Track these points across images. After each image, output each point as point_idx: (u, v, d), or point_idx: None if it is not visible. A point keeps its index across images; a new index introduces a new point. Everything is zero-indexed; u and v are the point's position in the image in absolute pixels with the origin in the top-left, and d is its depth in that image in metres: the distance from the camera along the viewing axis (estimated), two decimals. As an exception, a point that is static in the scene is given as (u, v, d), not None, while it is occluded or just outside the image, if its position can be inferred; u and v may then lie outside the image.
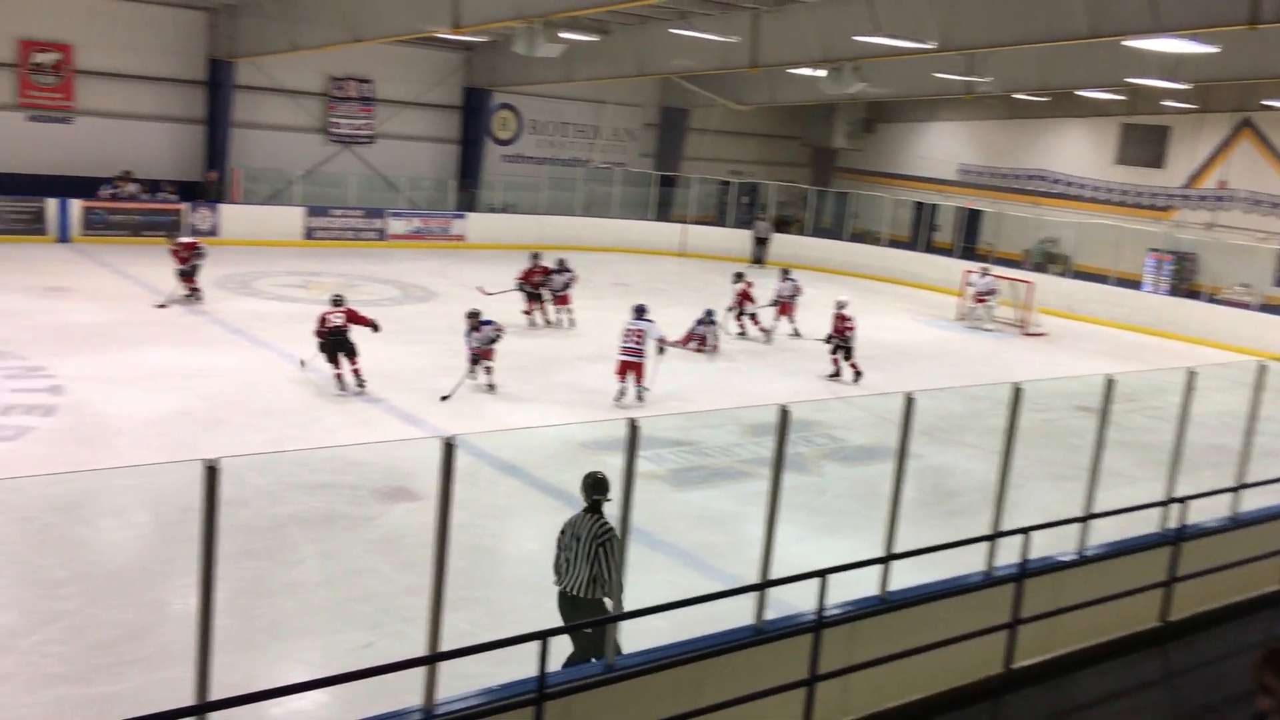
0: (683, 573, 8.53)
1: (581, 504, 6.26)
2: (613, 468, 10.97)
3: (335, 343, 12.69)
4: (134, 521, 8.96)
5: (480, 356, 13.09)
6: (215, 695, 4.14)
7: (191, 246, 17.39)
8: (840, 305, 15.99)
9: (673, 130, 33.26)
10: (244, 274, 20.43)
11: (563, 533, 6.26)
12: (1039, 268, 26.32)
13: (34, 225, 21.90)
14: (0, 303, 15.89)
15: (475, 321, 13.02)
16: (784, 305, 18.89)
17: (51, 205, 22.14)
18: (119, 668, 6.30)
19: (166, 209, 23.56)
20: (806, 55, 20.10)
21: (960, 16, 16.50)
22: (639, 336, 13.10)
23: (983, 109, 30.98)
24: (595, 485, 6.23)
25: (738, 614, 5.73)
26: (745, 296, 18.51)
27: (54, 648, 6.44)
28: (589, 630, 5.99)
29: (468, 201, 28.66)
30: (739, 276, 18.92)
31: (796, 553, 7.15)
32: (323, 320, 12.76)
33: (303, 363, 13.26)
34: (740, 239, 29.20)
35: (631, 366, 13.12)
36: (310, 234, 25.29)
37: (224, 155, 25.52)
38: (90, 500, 9.11)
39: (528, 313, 17.81)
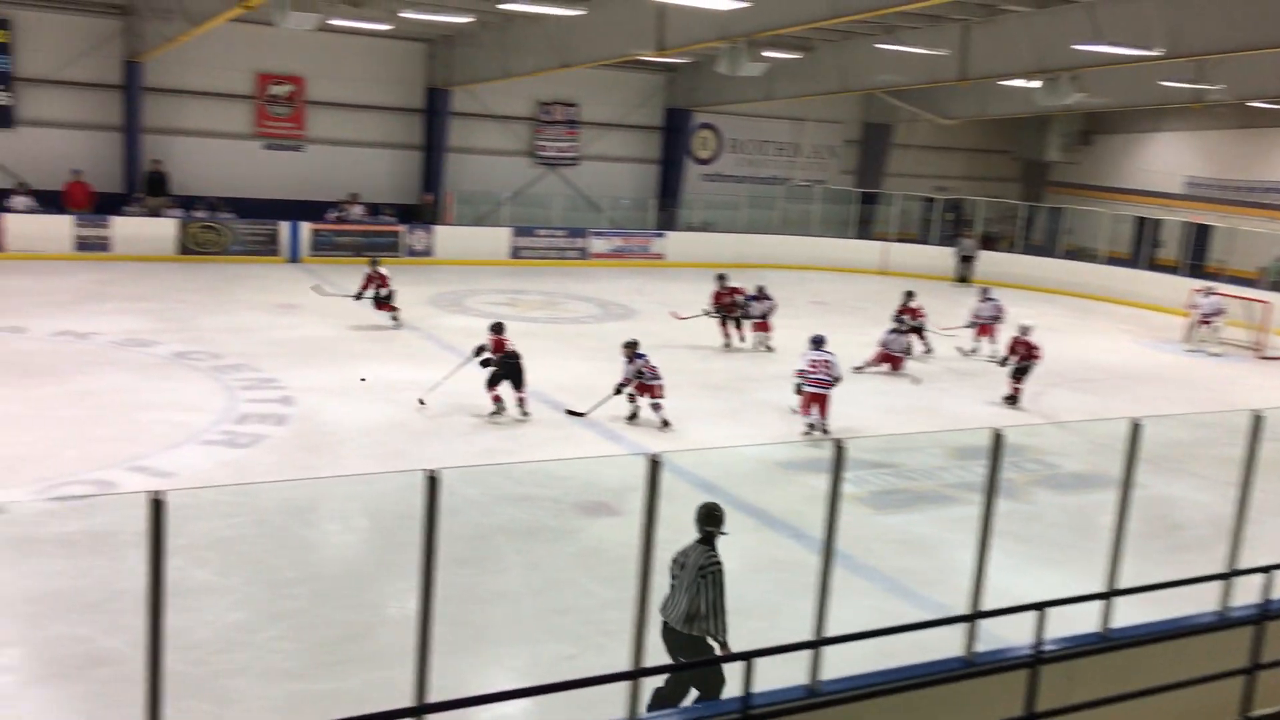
0: (884, 598, 8.33)
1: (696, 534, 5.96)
2: (811, 489, 10.81)
3: (512, 367, 12.47)
4: (354, 526, 9.45)
5: (640, 390, 12.52)
6: (431, 698, 4.29)
7: (375, 278, 17.36)
8: (1024, 330, 15.14)
9: (875, 146, 32.71)
10: (455, 292, 21.32)
11: (674, 561, 5.94)
12: (1277, 286, 24.42)
13: (268, 246, 23.52)
14: (239, 319, 17.12)
15: (631, 353, 12.55)
16: (984, 327, 18.15)
17: (284, 228, 23.72)
18: (342, 666, 6.65)
19: (386, 230, 24.86)
20: (1020, 66, 19.41)
21: (1190, 20, 15.57)
22: (826, 367, 12.44)
23: (1213, 118, 29.09)
24: (706, 517, 5.89)
25: (944, 643, 5.54)
26: (915, 315, 17.94)
27: (283, 644, 6.85)
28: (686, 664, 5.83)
29: (667, 220, 29.01)
30: (910, 295, 18.35)
31: (1007, 583, 6.86)
32: (500, 344, 12.54)
33: (363, 379, 13.39)
34: (944, 257, 28.40)
35: (818, 399, 12.49)
36: (516, 253, 26.14)
37: (439, 179, 26.77)
38: (316, 505, 9.66)
39: (722, 324, 17.66)
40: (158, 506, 3.62)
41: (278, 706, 6.19)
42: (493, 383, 12.38)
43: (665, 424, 12.43)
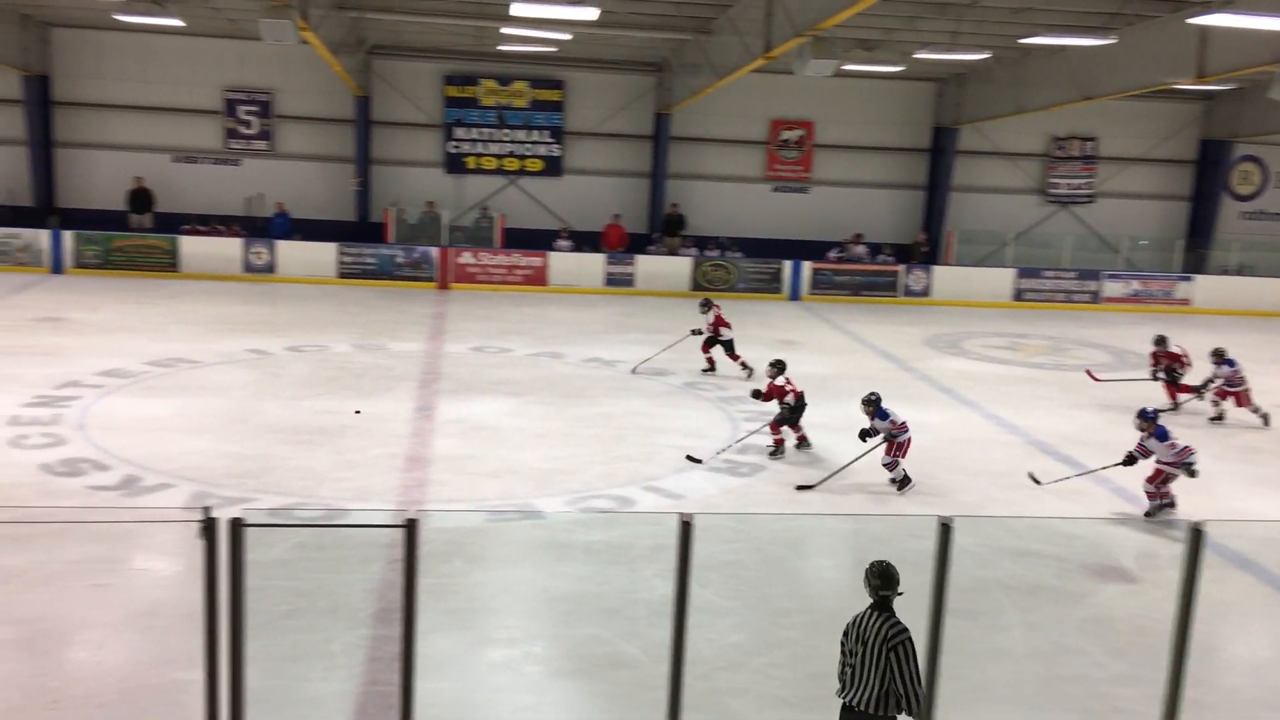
0: None
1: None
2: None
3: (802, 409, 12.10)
4: (844, 564, 9.49)
5: (891, 448, 10.95)
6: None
7: (716, 322, 16.37)
8: None
9: None
10: (952, 334, 20.85)
11: (846, 634, 5.28)
12: None
13: (771, 284, 24.54)
14: (743, 353, 17.95)
15: (873, 410, 10.93)
16: None
17: (786, 266, 24.62)
18: (833, 701, 6.65)
19: (884, 270, 24.95)
20: None
21: None
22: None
23: None
24: (881, 577, 5.16)
25: None
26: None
27: (778, 671, 7.01)
28: None
29: (1195, 262, 26.31)
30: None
31: None
32: (778, 390, 12.04)
33: (358, 412, 12.86)
34: None
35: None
36: (1019, 295, 25.06)
37: (941, 218, 26.43)
38: (809, 539, 9.84)
39: (1167, 387, 15.23)
40: (686, 528, 3.85)
41: (774, 733, 6.33)
42: (779, 423, 12.02)
43: (906, 481, 10.97)
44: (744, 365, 16.15)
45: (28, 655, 6.74)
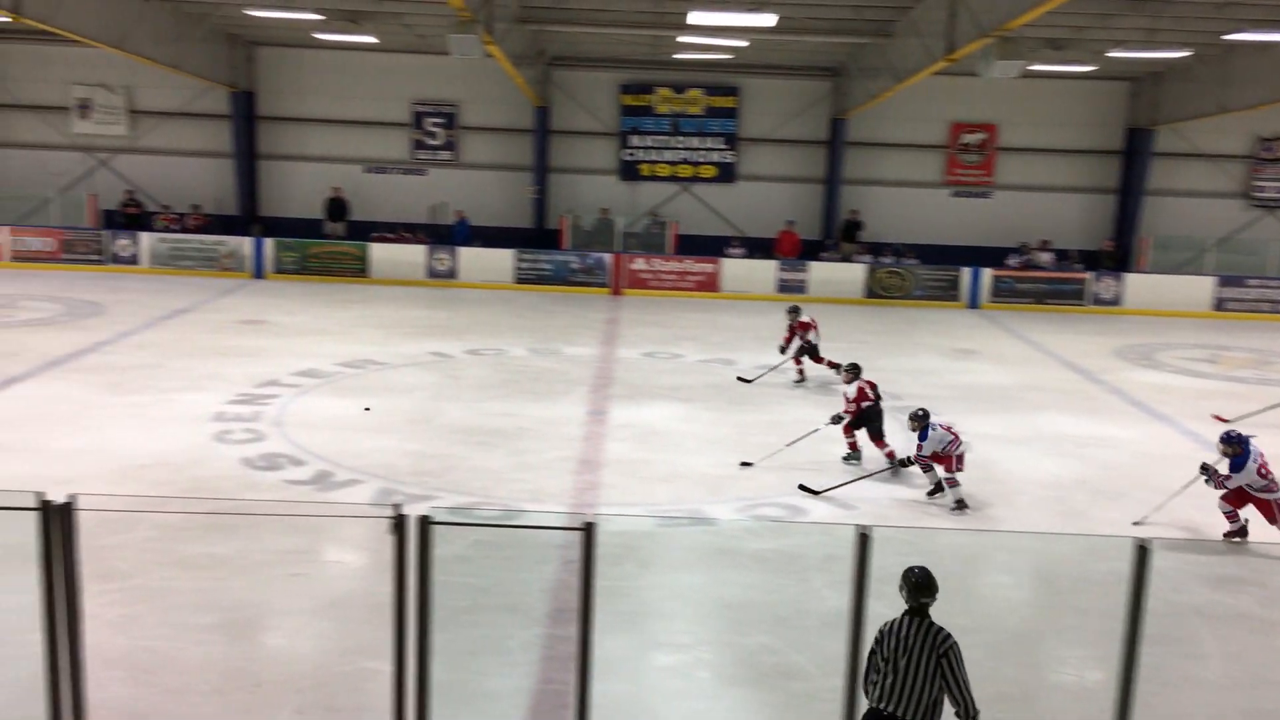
0: None
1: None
2: None
3: (871, 414, 11.59)
4: (1025, 583, 9.16)
5: (937, 461, 10.43)
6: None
7: (805, 326, 15.80)
8: None
9: None
10: (1145, 345, 19.86)
11: (879, 642, 5.07)
12: None
13: (949, 292, 23.90)
14: (918, 361, 17.59)
15: (921, 425, 10.40)
16: None
17: (965, 274, 23.93)
18: (1012, 725, 6.45)
19: (1070, 278, 23.95)
20: None
21: None
22: None
23: None
24: (923, 586, 5.04)
25: None
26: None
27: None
28: None
29: None
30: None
31: None
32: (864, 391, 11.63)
33: (367, 409, 12.93)
34: None
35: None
36: (1220, 305, 23.67)
37: (1134, 223, 25.23)
38: (987, 555, 9.53)
39: None
40: (864, 540, 3.80)
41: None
42: (854, 426, 11.68)
43: (960, 505, 10.31)
44: (802, 374, 15.83)
45: (230, 639, 7.18)
